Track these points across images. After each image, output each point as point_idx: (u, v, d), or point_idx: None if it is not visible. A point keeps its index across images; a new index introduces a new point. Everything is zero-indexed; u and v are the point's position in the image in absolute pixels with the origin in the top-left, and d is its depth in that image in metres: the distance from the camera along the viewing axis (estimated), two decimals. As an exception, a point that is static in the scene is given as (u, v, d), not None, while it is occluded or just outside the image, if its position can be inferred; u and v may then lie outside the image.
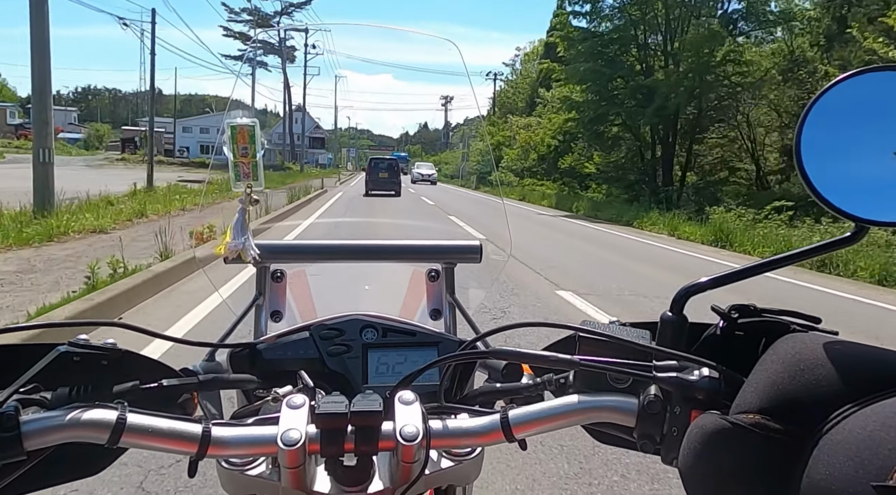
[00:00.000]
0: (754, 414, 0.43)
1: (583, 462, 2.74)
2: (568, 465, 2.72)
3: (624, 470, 2.69)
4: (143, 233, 8.63)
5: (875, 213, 0.52)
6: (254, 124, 0.82)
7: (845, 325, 4.92)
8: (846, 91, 0.52)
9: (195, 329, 4.48)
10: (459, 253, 0.98)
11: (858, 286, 8.55)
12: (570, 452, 2.81)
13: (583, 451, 2.81)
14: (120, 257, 5.70)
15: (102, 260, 5.52)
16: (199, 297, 5.20)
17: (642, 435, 0.54)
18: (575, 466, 2.71)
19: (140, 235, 8.42)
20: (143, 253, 6.76)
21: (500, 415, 0.56)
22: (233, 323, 0.89)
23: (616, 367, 0.55)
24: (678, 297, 0.58)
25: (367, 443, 0.53)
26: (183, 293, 5.60)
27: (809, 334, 0.49)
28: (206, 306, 4.96)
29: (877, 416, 0.38)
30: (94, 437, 0.52)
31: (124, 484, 2.42)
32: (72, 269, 5.97)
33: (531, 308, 5.61)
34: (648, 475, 2.64)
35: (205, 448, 0.53)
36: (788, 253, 0.58)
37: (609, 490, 2.54)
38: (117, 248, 6.30)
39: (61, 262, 6.41)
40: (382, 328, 0.83)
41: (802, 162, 0.53)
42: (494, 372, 0.76)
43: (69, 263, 6.35)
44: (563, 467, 2.70)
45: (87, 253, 6.83)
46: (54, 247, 7.30)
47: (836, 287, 8.17)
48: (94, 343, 0.59)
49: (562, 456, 2.79)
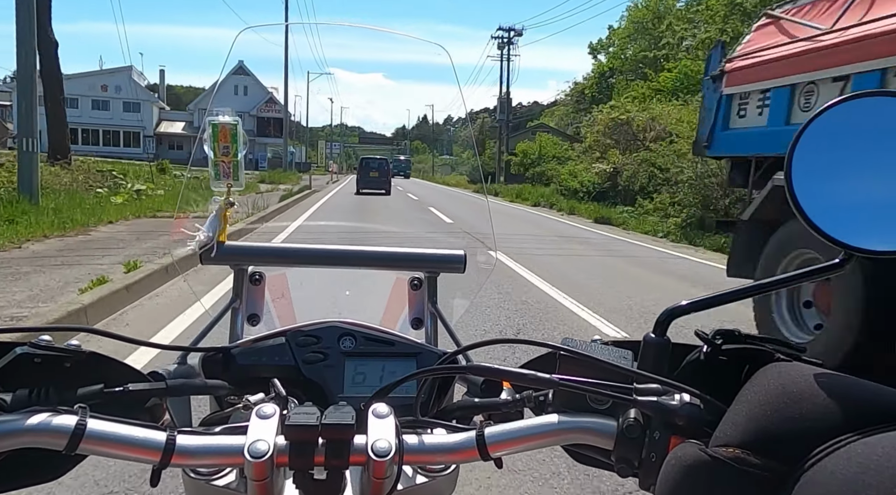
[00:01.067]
0: (734, 448, 0.42)
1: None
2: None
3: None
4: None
5: (864, 241, 0.51)
6: (236, 123, 0.80)
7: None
8: (838, 116, 0.52)
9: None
10: (443, 262, 0.97)
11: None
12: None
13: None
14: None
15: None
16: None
17: (620, 458, 0.53)
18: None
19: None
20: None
21: (475, 433, 0.55)
22: (206, 326, 0.86)
23: (596, 389, 0.53)
24: (662, 319, 0.57)
25: (337, 458, 0.52)
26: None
27: (793, 364, 0.48)
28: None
29: (859, 456, 0.36)
30: (51, 443, 0.50)
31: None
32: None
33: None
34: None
35: (168, 457, 0.51)
36: (775, 278, 0.57)
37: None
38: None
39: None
40: (361, 336, 0.82)
41: (793, 186, 0.52)
42: (473, 386, 0.75)
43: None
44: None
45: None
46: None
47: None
48: (56, 344, 0.57)
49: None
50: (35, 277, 5.34)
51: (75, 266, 5.87)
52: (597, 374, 0.54)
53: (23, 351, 0.55)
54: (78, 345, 0.58)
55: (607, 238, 13.03)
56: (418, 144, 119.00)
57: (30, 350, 0.55)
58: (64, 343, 0.58)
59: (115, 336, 0.66)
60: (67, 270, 5.66)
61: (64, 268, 5.80)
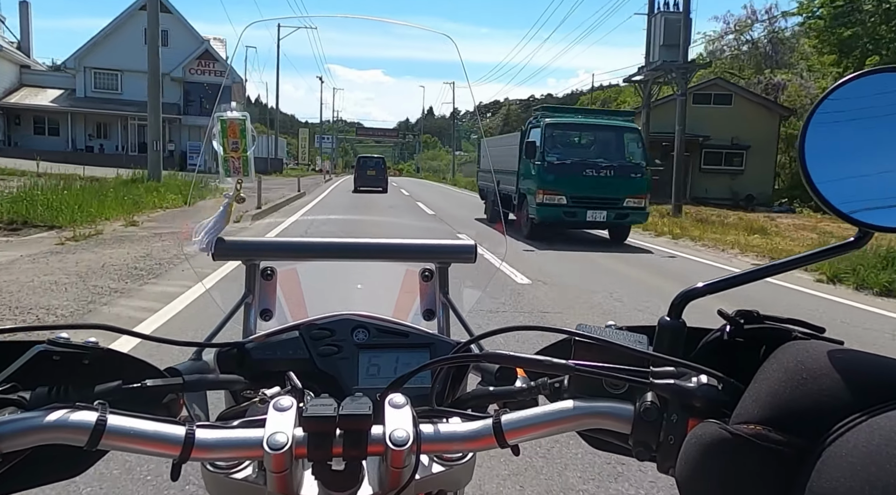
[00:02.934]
0: (755, 425, 0.42)
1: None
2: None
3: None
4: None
5: (879, 218, 0.51)
6: (244, 118, 0.80)
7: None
8: (852, 92, 0.51)
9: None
10: (453, 253, 0.97)
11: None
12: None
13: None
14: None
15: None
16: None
17: (638, 442, 0.53)
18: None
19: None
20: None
21: (492, 420, 0.55)
22: (220, 322, 0.87)
23: (612, 373, 0.53)
24: (676, 302, 0.57)
25: (355, 448, 0.52)
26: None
27: (812, 342, 0.48)
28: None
29: (882, 429, 0.36)
30: (72, 439, 0.50)
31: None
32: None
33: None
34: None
35: (188, 451, 0.51)
36: (790, 258, 0.56)
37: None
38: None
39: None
40: (374, 328, 0.82)
41: (806, 164, 0.52)
42: (488, 375, 0.75)
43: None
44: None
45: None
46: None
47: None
48: (74, 342, 0.57)
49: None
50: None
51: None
52: (612, 359, 0.54)
53: (42, 349, 0.56)
54: (95, 342, 0.59)
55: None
56: (427, 138, 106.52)
57: (49, 347, 0.56)
58: (81, 340, 0.59)
59: (132, 333, 0.66)
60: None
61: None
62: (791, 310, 6.01)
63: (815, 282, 8.24)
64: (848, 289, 7.93)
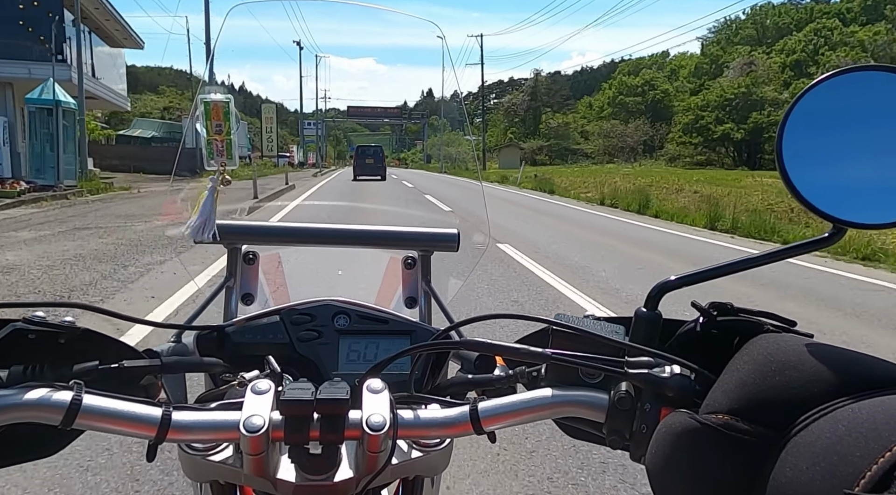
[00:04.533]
0: (723, 415, 0.43)
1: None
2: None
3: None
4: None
5: (853, 215, 0.51)
6: (228, 100, 0.80)
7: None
8: (828, 91, 0.52)
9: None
10: (436, 241, 0.97)
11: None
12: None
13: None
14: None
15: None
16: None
17: (612, 430, 0.54)
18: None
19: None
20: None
21: (469, 407, 0.55)
22: (201, 305, 0.87)
23: (588, 362, 0.54)
24: (653, 294, 0.57)
25: (332, 432, 0.52)
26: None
27: (783, 335, 0.49)
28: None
29: (846, 420, 0.37)
30: (47, 418, 0.50)
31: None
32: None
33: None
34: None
35: (164, 432, 0.51)
36: (764, 253, 0.57)
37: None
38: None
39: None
40: (355, 315, 0.82)
41: (783, 161, 0.52)
42: (467, 363, 0.76)
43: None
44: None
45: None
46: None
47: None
48: (50, 320, 0.57)
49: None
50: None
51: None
52: (589, 348, 0.55)
53: (17, 326, 0.55)
54: (72, 321, 0.58)
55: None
56: (433, 121, 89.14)
57: (24, 326, 0.55)
58: (58, 320, 0.58)
59: (109, 312, 0.66)
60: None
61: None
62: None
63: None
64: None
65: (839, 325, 5.17)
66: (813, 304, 5.93)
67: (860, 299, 6.18)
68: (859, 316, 5.52)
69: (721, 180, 23.00)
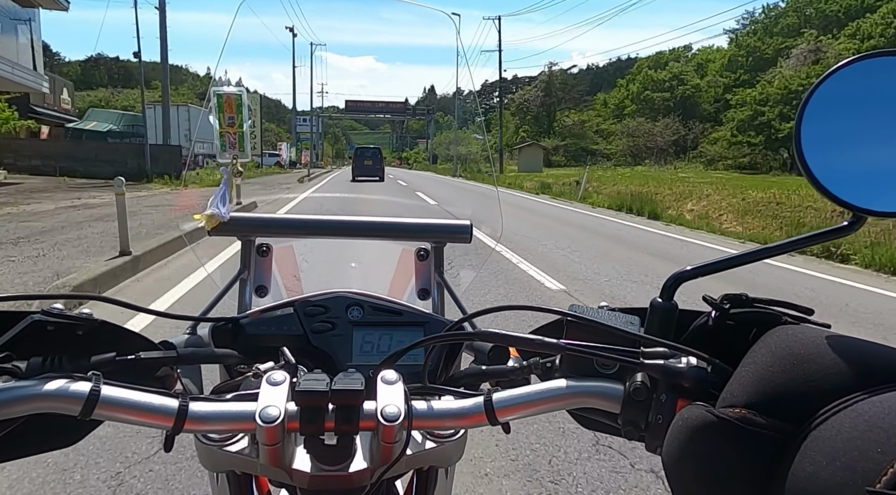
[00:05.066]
0: (741, 409, 0.42)
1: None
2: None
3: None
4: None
5: (873, 203, 0.51)
6: (240, 93, 0.80)
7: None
8: (847, 77, 0.51)
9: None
10: (449, 232, 0.97)
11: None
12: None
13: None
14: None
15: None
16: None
17: (627, 421, 0.54)
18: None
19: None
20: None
21: (483, 398, 0.55)
22: (215, 296, 0.87)
23: (602, 353, 0.54)
24: (668, 284, 0.57)
25: (347, 423, 0.52)
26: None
27: (801, 326, 0.48)
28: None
29: (866, 414, 0.36)
30: (66, 409, 0.51)
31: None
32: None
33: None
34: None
35: (181, 423, 0.52)
36: (784, 241, 0.57)
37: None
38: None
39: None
40: (368, 306, 0.82)
41: (802, 149, 0.52)
42: (481, 354, 0.75)
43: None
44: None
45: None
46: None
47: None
48: (69, 312, 0.58)
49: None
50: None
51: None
52: (604, 339, 0.55)
53: (36, 319, 0.56)
54: (90, 313, 0.59)
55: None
56: (439, 117, 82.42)
57: (43, 317, 0.56)
58: (76, 311, 0.59)
59: (127, 304, 0.66)
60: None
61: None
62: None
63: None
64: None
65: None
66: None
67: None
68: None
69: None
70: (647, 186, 18.08)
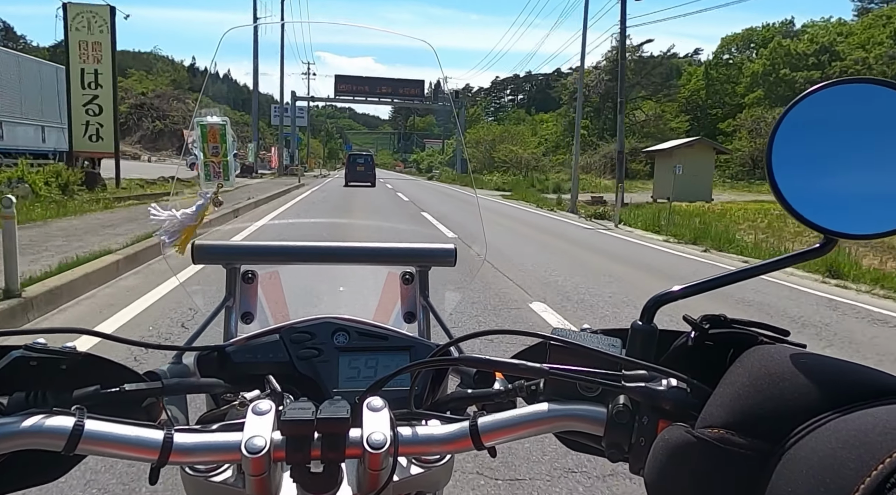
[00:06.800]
0: (719, 429, 0.43)
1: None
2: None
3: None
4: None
5: (843, 226, 0.52)
6: (224, 123, 0.81)
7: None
8: (817, 103, 0.53)
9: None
10: (433, 256, 0.98)
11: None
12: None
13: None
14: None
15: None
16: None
17: (610, 444, 0.54)
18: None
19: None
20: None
21: (468, 423, 0.56)
22: (201, 325, 0.87)
23: (585, 376, 0.54)
24: (648, 306, 0.58)
25: (333, 451, 0.52)
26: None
27: (776, 346, 0.49)
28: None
29: (839, 432, 0.37)
30: (49, 445, 0.51)
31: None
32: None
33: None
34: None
35: (166, 455, 0.51)
36: (758, 264, 0.58)
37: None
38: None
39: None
40: (354, 331, 0.82)
41: (773, 172, 0.53)
42: (466, 377, 0.76)
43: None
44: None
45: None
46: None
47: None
48: (52, 347, 0.57)
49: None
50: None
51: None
52: (586, 362, 0.55)
53: (19, 354, 0.56)
54: (73, 346, 0.59)
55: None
56: (428, 119, 70.33)
57: (26, 353, 0.56)
58: (60, 345, 0.59)
59: (110, 336, 0.66)
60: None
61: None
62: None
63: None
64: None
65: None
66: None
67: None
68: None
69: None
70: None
